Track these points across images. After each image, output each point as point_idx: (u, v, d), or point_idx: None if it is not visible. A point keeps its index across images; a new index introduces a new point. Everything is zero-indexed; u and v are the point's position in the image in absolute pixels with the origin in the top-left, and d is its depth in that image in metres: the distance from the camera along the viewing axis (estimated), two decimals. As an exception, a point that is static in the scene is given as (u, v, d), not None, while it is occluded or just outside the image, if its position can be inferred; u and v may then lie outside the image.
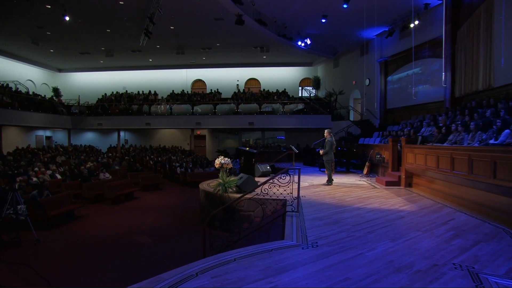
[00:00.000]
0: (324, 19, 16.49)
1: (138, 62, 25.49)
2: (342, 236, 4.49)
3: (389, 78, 18.88)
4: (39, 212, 8.50)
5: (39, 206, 8.62)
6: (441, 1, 14.68)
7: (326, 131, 9.45)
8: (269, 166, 11.83)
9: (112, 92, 25.96)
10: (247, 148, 9.99)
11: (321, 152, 9.43)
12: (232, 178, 8.24)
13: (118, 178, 13.77)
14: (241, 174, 8.51)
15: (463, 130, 7.40)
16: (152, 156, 19.90)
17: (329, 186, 9.13)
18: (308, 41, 19.39)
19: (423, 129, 11.39)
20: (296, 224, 5.06)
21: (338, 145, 16.37)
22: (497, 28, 11.66)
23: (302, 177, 9.94)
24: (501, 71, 11.43)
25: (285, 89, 25.80)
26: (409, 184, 8.92)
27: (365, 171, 11.49)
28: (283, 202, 7.32)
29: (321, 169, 14.24)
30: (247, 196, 6.29)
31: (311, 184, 9.60)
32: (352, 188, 8.95)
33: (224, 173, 10.03)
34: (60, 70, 27.46)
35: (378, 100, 19.58)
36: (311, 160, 16.66)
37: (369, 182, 10.21)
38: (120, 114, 22.83)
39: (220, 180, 8.17)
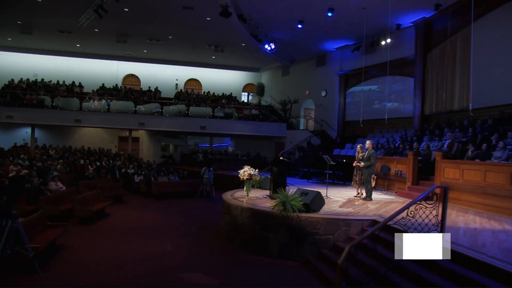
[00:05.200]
0: (300, 24, 16.07)
1: (61, 46, 21.14)
2: None
3: (349, 91, 19.38)
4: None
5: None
6: (412, 24, 15.69)
7: (368, 141, 8.73)
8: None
9: (21, 79, 20.78)
10: (281, 158, 8.60)
11: (361, 164, 8.66)
12: (296, 194, 6.83)
13: (76, 189, 10.61)
14: (303, 189, 7.16)
15: (521, 147, 7.55)
16: (88, 160, 16.35)
17: (375, 202, 8.46)
18: (273, 46, 18.75)
19: (423, 144, 11.67)
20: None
21: (313, 154, 15.69)
22: (475, 54, 12.74)
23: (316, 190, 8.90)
24: (479, 94, 12.45)
25: (231, 93, 24.57)
26: (444, 200, 8.82)
27: (372, 184, 11.16)
28: (369, 223, 6.34)
29: (309, 181, 13.54)
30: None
31: (349, 199, 8.76)
32: (396, 204, 8.42)
33: (250, 185, 8.54)
34: None
35: (336, 112, 19.94)
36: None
37: (393, 196, 9.95)
38: (38, 107, 18.31)
39: (280, 197, 6.66)
